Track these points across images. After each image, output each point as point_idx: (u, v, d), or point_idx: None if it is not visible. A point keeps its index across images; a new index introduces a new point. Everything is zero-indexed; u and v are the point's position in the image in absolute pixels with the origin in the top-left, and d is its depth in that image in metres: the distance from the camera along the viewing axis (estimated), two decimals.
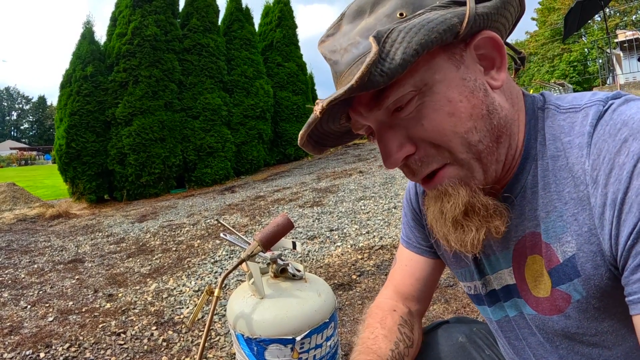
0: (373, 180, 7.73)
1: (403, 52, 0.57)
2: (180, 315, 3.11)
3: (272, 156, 14.04)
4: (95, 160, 10.31)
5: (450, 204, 0.70)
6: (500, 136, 0.69)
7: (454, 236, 0.73)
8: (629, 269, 0.58)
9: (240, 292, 1.49)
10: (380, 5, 0.68)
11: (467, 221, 0.71)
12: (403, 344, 0.96)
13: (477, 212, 0.70)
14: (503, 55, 0.69)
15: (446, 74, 0.65)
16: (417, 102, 0.66)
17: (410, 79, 0.64)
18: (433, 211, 0.74)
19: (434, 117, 0.65)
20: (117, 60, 10.58)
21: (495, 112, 0.68)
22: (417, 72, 0.64)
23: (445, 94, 0.65)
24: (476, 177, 0.70)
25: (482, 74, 0.69)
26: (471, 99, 0.66)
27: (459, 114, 0.65)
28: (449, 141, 0.66)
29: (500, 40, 0.68)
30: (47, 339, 2.89)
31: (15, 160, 57.66)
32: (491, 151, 0.69)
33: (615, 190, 0.59)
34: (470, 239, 0.71)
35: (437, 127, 0.66)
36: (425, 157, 0.70)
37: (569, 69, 37.13)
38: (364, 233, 4.60)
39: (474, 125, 0.66)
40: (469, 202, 0.69)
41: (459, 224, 0.71)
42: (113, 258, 4.96)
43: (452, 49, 0.66)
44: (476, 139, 0.66)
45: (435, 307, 2.75)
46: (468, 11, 0.61)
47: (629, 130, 0.59)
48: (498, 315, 0.90)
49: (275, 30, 14.79)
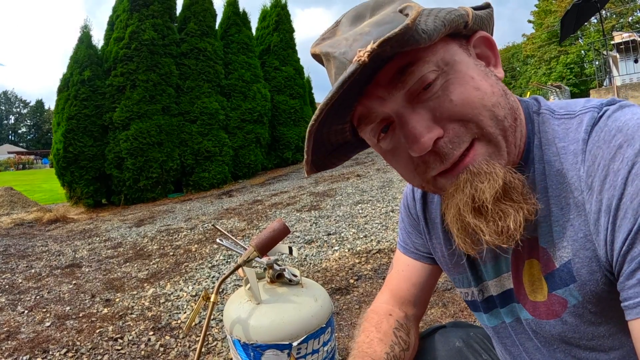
0: (370, 184, 7.73)
1: (434, 21, 0.60)
2: (178, 320, 3.10)
3: (269, 160, 14.04)
4: (92, 165, 10.29)
5: (486, 183, 0.64)
6: (516, 118, 0.70)
7: (489, 226, 0.65)
8: (624, 275, 0.58)
9: (236, 297, 1.48)
10: (381, 10, 0.68)
11: (506, 202, 0.65)
12: (399, 347, 0.96)
13: (515, 188, 0.65)
14: (497, 54, 0.76)
15: (462, 57, 0.68)
16: (442, 80, 0.65)
17: (433, 57, 0.65)
18: (460, 200, 0.67)
19: (462, 91, 0.65)
20: (114, 64, 10.58)
21: (508, 93, 0.71)
22: (438, 51, 0.66)
23: (467, 72, 0.67)
24: (503, 156, 0.67)
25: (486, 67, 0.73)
26: (488, 79, 0.68)
27: (484, 89, 0.66)
28: (479, 114, 0.64)
29: (493, 39, 0.74)
30: (44, 344, 2.87)
31: (12, 164, 57.55)
32: (513, 130, 0.68)
33: (610, 197, 0.59)
34: (511, 221, 0.64)
35: (467, 99, 0.64)
36: (455, 137, 0.65)
37: (565, 71, 37.30)
38: (362, 237, 4.60)
39: (498, 101, 0.66)
40: (507, 179, 0.64)
41: (495, 210, 0.65)
42: (110, 263, 4.95)
43: (460, 41, 0.71)
44: (502, 114, 0.66)
45: (433, 311, 2.74)
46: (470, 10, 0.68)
47: (624, 137, 0.59)
48: (494, 322, 0.90)
49: (272, 34, 14.81)
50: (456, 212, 0.68)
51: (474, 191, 0.65)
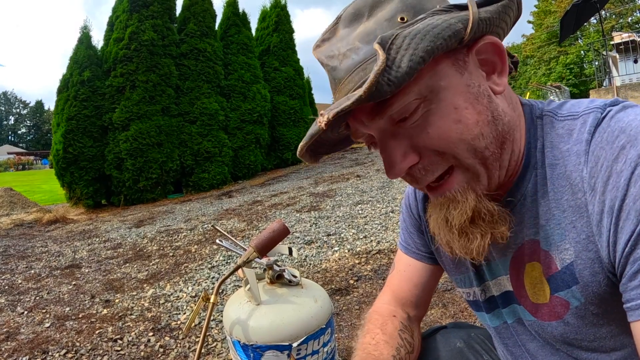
0: (370, 185, 7.72)
1: (409, 59, 0.55)
2: (177, 321, 3.10)
3: (269, 161, 14.03)
4: (92, 165, 10.28)
5: (457, 211, 0.69)
6: (504, 142, 0.69)
7: (458, 244, 0.72)
8: (626, 276, 0.58)
9: (236, 298, 1.48)
10: (379, 9, 0.67)
11: (473, 228, 0.70)
12: (404, 349, 0.95)
13: (483, 218, 0.70)
14: (504, 60, 0.69)
15: (451, 81, 0.64)
16: (423, 110, 0.65)
17: (415, 87, 0.63)
18: (436, 219, 0.74)
19: (441, 125, 0.64)
20: (114, 65, 10.57)
21: (499, 117, 0.68)
22: (422, 79, 0.63)
23: (451, 100, 0.64)
24: (481, 182, 0.69)
25: (485, 80, 0.68)
26: (476, 105, 0.65)
27: (466, 121, 0.65)
28: (455, 147, 0.65)
29: (502, 45, 0.68)
30: (43, 345, 2.87)
31: (12, 165, 57.61)
32: (496, 157, 0.68)
33: (612, 198, 0.59)
34: (475, 246, 0.71)
35: (444, 134, 0.65)
36: (429, 164, 0.69)
37: (565, 72, 37.32)
38: (362, 237, 4.60)
39: (481, 132, 0.66)
40: (476, 208, 0.69)
41: (464, 232, 0.71)
42: (110, 263, 4.95)
43: (456, 55, 0.65)
44: (482, 145, 0.66)
45: (433, 312, 2.74)
46: (472, 16, 0.60)
47: (627, 137, 0.59)
48: (496, 322, 0.90)
49: (272, 35, 14.80)
50: (434, 225, 0.75)
51: (447, 214, 0.71)
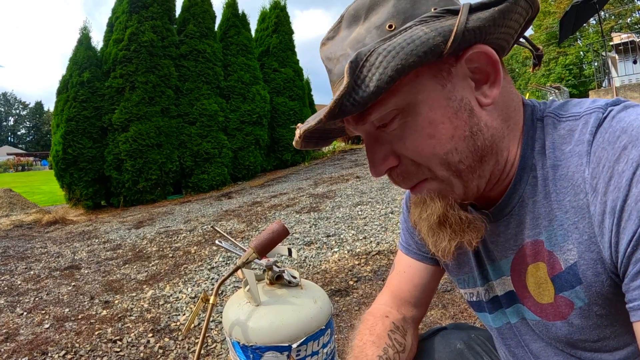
0: (370, 186, 7.73)
1: (378, 79, 0.57)
2: (177, 322, 3.10)
3: (268, 162, 14.04)
4: (91, 166, 10.29)
5: (426, 213, 0.74)
6: (484, 156, 0.70)
7: (431, 240, 0.76)
8: (629, 276, 0.58)
9: (236, 299, 1.48)
10: (374, 13, 0.68)
11: (441, 231, 0.74)
12: (392, 349, 0.95)
13: (450, 224, 0.73)
14: (497, 71, 0.67)
15: (429, 94, 0.65)
16: (400, 121, 0.67)
17: (393, 99, 0.64)
18: (414, 213, 0.78)
19: (415, 138, 0.67)
20: (113, 66, 10.58)
21: (479, 133, 0.68)
22: (400, 91, 0.64)
23: (427, 115, 0.65)
24: (455, 192, 0.72)
25: (472, 90, 0.68)
26: (454, 120, 0.66)
27: (440, 136, 0.66)
28: (428, 161, 0.68)
29: (495, 55, 0.66)
30: (43, 346, 2.87)
31: (12, 166, 57.58)
32: (473, 170, 0.70)
33: (614, 198, 0.59)
34: (442, 247, 0.75)
35: (417, 148, 0.68)
36: (405, 172, 0.72)
37: (564, 72, 37.35)
38: (361, 238, 4.59)
39: (455, 147, 0.67)
40: (443, 214, 0.72)
41: (433, 231, 0.75)
42: (109, 264, 4.94)
43: (440, 65, 0.65)
44: (456, 160, 0.68)
45: (433, 313, 2.74)
46: (455, 28, 0.59)
47: (628, 138, 0.59)
48: (499, 322, 0.90)
49: (271, 36, 14.82)
50: (413, 218, 0.78)
51: (421, 213, 0.75)
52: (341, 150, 16.63)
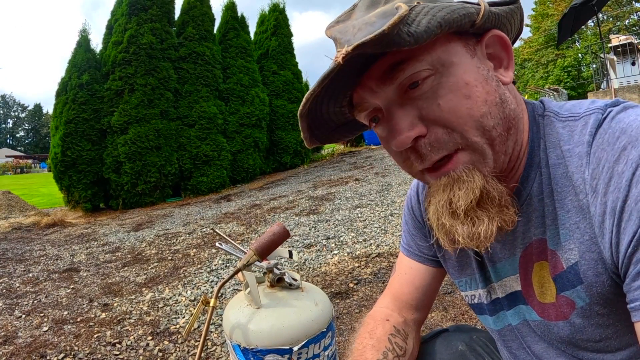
0: (369, 188, 7.72)
1: (428, 21, 0.58)
2: (176, 325, 3.09)
3: (268, 164, 14.02)
4: (90, 169, 10.26)
5: (463, 191, 0.66)
6: (510, 127, 0.70)
7: (463, 229, 0.68)
8: (630, 276, 0.59)
9: (236, 301, 1.47)
10: None
11: (480, 211, 0.67)
12: (392, 353, 0.94)
13: (492, 199, 0.67)
14: (511, 56, 0.72)
15: (462, 59, 0.67)
16: (434, 82, 0.65)
17: (428, 56, 0.64)
18: (438, 202, 0.70)
19: (451, 98, 0.65)
20: (112, 68, 10.56)
21: (507, 102, 0.69)
22: (435, 51, 0.65)
23: (462, 76, 0.65)
24: (488, 164, 0.68)
25: (492, 70, 0.71)
26: (485, 85, 0.67)
27: (475, 98, 0.65)
28: (464, 123, 0.65)
29: (509, 40, 0.71)
30: (41, 349, 2.86)
31: (10, 168, 57.53)
32: (503, 140, 0.69)
33: (614, 199, 0.59)
34: (482, 230, 0.67)
35: (454, 107, 0.65)
36: (435, 141, 0.67)
37: (563, 75, 37.43)
38: (361, 241, 4.59)
39: (489, 111, 0.66)
40: (484, 188, 0.67)
41: (469, 216, 0.68)
42: (108, 267, 4.93)
43: (467, 40, 0.68)
44: (490, 125, 0.66)
45: (434, 315, 2.73)
46: (484, 6, 0.64)
47: (628, 138, 0.59)
48: (500, 325, 0.90)
49: (270, 39, 14.81)
50: (435, 210, 0.71)
51: (452, 196, 0.68)
52: (340, 153, 16.63)
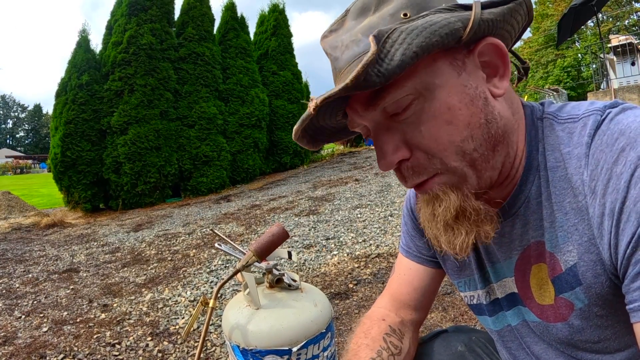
0: (369, 189, 7.72)
1: (402, 53, 0.56)
2: (176, 325, 3.09)
3: (267, 165, 14.01)
4: (90, 169, 10.25)
5: (442, 208, 0.71)
6: (497, 145, 0.69)
7: (444, 238, 0.73)
8: (628, 277, 0.59)
9: (235, 302, 1.47)
10: (385, 4, 0.68)
11: (458, 224, 0.71)
12: (387, 352, 0.94)
13: (468, 216, 0.71)
14: (507, 64, 0.69)
15: (447, 79, 0.65)
16: (417, 107, 0.65)
17: (410, 82, 0.63)
18: (424, 213, 0.75)
19: (433, 124, 0.65)
20: (112, 68, 10.56)
21: (493, 121, 0.68)
22: (417, 74, 0.63)
23: (445, 100, 0.64)
24: (469, 182, 0.70)
25: (484, 82, 0.68)
26: (470, 106, 0.66)
27: (457, 122, 0.65)
28: (443, 150, 0.66)
29: (505, 48, 0.68)
30: (41, 350, 2.85)
31: (10, 169, 57.51)
32: (486, 159, 0.69)
33: (613, 200, 0.59)
34: (459, 242, 0.72)
35: (435, 134, 0.65)
36: (417, 166, 0.70)
37: (563, 75, 37.41)
38: (361, 241, 4.59)
39: (471, 134, 0.66)
40: (460, 206, 0.70)
41: (449, 227, 0.72)
42: (108, 268, 4.93)
43: (455, 54, 0.65)
44: (471, 148, 0.66)
45: (433, 315, 2.73)
46: (473, 16, 0.61)
47: (626, 140, 0.59)
48: (499, 325, 0.90)
49: (270, 39, 14.81)
50: (423, 219, 0.77)
51: (434, 210, 0.72)
52: (340, 153, 16.63)
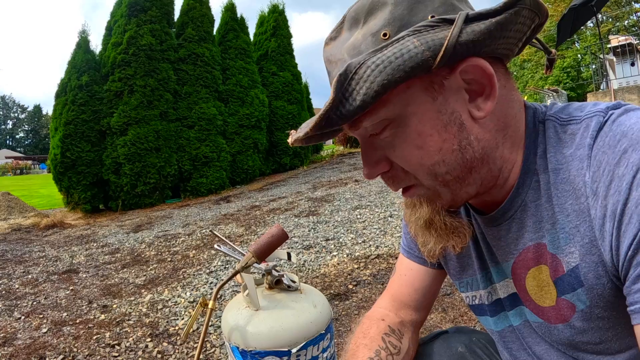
0: (369, 189, 7.72)
1: (365, 93, 0.57)
2: (175, 326, 3.08)
3: (267, 165, 14.02)
4: (90, 170, 10.25)
5: (415, 216, 0.81)
6: (473, 167, 0.70)
7: (419, 240, 0.85)
8: (630, 279, 0.58)
9: (234, 303, 1.47)
10: (372, 17, 0.67)
11: (428, 233, 0.82)
12: (385, 352, 0.94)
13: (436, 228, 0.80)
14: (493, 84, 0.65)
15: (419, 106, 0.64)
16: (391, 130, 0.68)
17: (383, 109, 0.65)
18: (406, 214, 0.85)
19: (403, 148, 0.68)
20: (112, 69, 10.56)
21: (468, 147, 0.67)
22: (391, 102, 0.64)
23: (416, 127, 0.66)
24: (443, 199, 0.74)
25: (465, 103, 0.66)
26: (442, 133, 0.66)
27: (427, 148, 0.66)
28: (415, 171, 0.70)
29: (490, 69, 0.63)
30: (40, 351, 2.85)
31: (10, 170, 57.49)
32: (461, 180, 0.70)
33: (614, 202, 0.59)
34: (428, 248, 0.84)
35: (406, 157, 0.69)
36: (395, 177, 0.75)
37: (562, 75, 37.36)
38: (360, 242, 4.59)
39: (442, 159, 0.67)
40: (429, 219, 0.79)
41: (422, 233, 0.83)
42: (108, 269, 4.93)
43: (432, 78, 0.63)
44: (443, 171, 0.68)
45: (433, 316, 2.73)
46: (446, 43, 0.57)
47: (629, 141, 0.59)
48: (501, 325, 0.90)
49: (270, 40, 14.83)
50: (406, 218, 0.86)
51: (411, 215, 0.82)
52: (340, 154, 16.64)
